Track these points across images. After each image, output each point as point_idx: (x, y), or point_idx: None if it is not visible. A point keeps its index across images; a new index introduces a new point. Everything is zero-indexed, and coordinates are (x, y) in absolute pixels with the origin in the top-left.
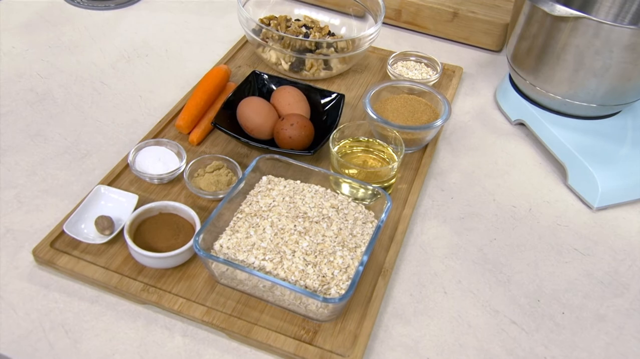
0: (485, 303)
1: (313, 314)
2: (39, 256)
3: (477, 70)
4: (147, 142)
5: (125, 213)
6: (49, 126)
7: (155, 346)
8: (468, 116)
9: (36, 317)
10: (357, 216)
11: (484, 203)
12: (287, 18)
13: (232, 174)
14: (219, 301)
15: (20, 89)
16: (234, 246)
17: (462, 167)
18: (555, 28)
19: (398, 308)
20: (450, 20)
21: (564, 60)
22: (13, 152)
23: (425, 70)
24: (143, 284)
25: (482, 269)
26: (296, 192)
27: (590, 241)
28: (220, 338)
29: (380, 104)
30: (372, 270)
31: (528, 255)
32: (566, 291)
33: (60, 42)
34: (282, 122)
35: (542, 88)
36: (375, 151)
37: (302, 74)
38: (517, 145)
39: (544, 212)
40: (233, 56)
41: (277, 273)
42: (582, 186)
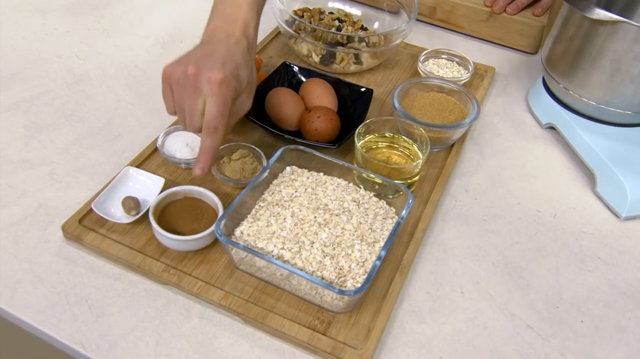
0: (502, 306)
1: (328, 305)
2: (67, 231)
3: (510, 72)
4: (177, 127)
5: (152, 195)
6: (84, 106)
7: (173, 325)
8: (497, 117)
9: (62, 290)
10: (377, 211)
11: (508, 206)
12: (320, 11)
13: (257, 163)
14: (237, 286)
15: (59, 69)
16: (255, 234)
17: (488, 168)
18: (593, 32)
19: (414, 305)
20: (486, 20)
21: (600, 65)
22: (49, 131)
23: (457, 69)
24: (164, 265)
25: (501, 271)
26: (318, 184)
27: (615, 250)
28: (235, 323)
29: (409, 100)
30: (389, 266)
31: (549, 261)
32: (587, 300)
33: (99, 25)
34: (309, 114)
35: (575, 92)
36: (400, 148)
37: (333, 67)
38: (546, 149)
39: (570, 218)
40: (265, 46)
41: (295, 263)
42: (610, 194)
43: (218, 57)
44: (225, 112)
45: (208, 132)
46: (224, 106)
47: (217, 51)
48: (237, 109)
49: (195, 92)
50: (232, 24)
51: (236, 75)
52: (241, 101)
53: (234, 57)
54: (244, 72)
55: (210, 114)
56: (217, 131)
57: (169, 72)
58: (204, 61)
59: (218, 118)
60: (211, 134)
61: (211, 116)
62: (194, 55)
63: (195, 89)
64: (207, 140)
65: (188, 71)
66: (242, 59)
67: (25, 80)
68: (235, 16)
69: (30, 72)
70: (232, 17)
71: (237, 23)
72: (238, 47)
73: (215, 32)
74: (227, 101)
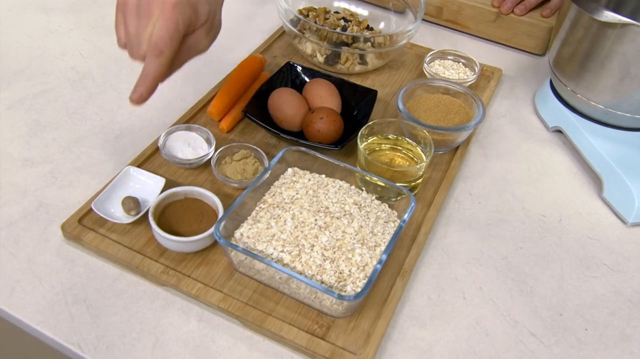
0: (505, 312)
1: (327, 309)
2: (67, 231)
3: (517, 73)
4: (178, 127)
5: (152, 195)
6: (87, 104)
7: (171, 328)
8: (504, 120)
9: (60, 290)
10: (379, 214)
11: (513, 210)
12: (326, 10)
13: (259, 164)
14: (236, 288)
15: (63, 67)
16: (254, 236)
17: (493, 171)
18: (602, 34)
19: (415, 310)
20: (493, 21)
21: (609, 69)
22: (52, 129)
23: (463, 70)
24: (164, 267)
25: (504, 277)
26: (320, 186)
27: (621, 256)
28: (234, 326)
29: (414, 102)
30: (390, 270)
31: (554, 267)
32: (591, 307)
33: (103, 23)
34: (311, 115)
35: (583, 96)
36: (403, 150)
37: (337, 67)
38: (553, 153)
39: (575, 224)
40: (270, 46)
41: (295, 266)
42: (617, 199)
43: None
44: (175, 37)
45: (153, 54)
46: (174, 29)
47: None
48: (190, 46)
49: (146, 14)
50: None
51: (193, 5)
52: (196, 37)
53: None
54: (203, 7)
55: (157, 34)
56: (162, 55)
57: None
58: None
59: (165, 39)
60: (155, 57)
61: (158, 36)
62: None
63: (147, 11)
64: (151, 63)
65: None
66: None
67: (28, 77)
68: None
69: (33, 69)
70: None
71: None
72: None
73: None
74: (179, 24)
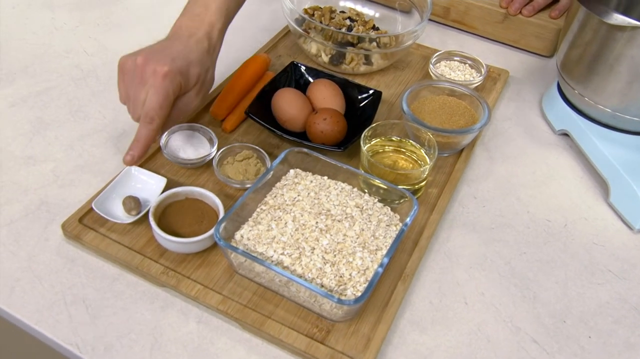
0: (507, 319)
1: (327, 313)
2: (67, 230)
3: (524, 75)
4: (181, 127)
5: (153, 195)
6: (90, 102)
7: (170, 329)
8: (510, 122)
9: (60, 289)
10: (381, 217)
11: (517, 214)
12: (332, 9)
13: (261, 165)
14: (235, 290)
15: (67, 64)
16: (255, 238)
17: (497, 175)
18: (611, 37)
19: (415, 315)
20: (501, 22)
21: (617, 72)
22: (55, 127)
23: (469, 72)
24: (163, 267)
25: (507, 282)
26: (322, 188)
27: (627, 263)
28: (233, 328)
29: (418, 104)
30: (392, 274)
31: (558, 273)
32: (595, 315)
33: (108, 20)
34: (314, 116)
35: (591, 99)
36: (407, 152)
37: (342, 67)
38: (559, 156)
39: (581, 229)
40: (275, 45)
41: (295, 269)
42: (624, 204)
43: (171, 52)
44: (165, 105)
45: (145, 121)
46: (164, 98)
47: (173, 47)
48: (182, 105)
49: (140, 82)
50: (197, 24)
51: (184, 72)
52: (187, 97)
53: (188, 55)
54: (194, 70)
55: (149, 104)
56: (153, 122)
57: (123, 61)
58: (155, 54)
59: (156, 109)
60: (147, 124)
61: (149, 106)
62: (150, 48)
63: (141, 79)
64: (143, 129)
65: (137, 61)
66: (197, 58)
67: (33, 75)
68: (202, 17)
69: (38, 67)
70: (198, 18)
71: (202, 24)
72: (197, 46)
73: (179, 30)
74: (169, 94)
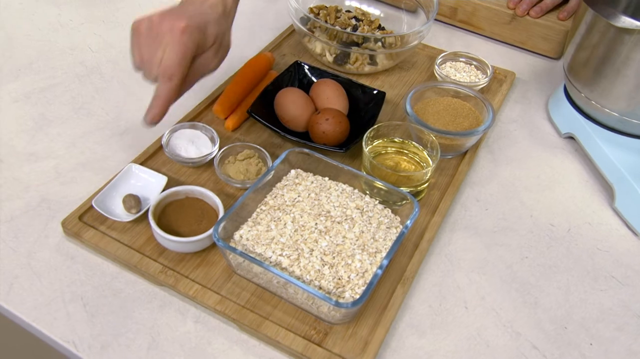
0: (507, 324)
1: (324, 315)
2: (67, 227)
3: (531, 77)
4: (183, 125)
5: (154, 193)
6: (93, 99)
7: (167, 328)
8: (515, 125)
9: (58, 287)
10: (381, 219)
11: (520, 218)
12: (337, 9)
13: (262, 164)
14: (234, 291)
15: (72, 61)
16: (254, 238)
17: (501, 178)
18: (618, 40)
19: (414, 319)
20: (508, 23)
21: (625, 76)
22: (58, 124)
23: (475, 73)
24: (162, 266)
25: (508, 287)
26: (322, 189)
27: (631, 270)
28: (230, 328)
29: (422, 104)
30: (391, 277)
31: (560, 278)
32: (597, 321)
33: (114, 17)
34: (317, 116)
35: (597, 102)
36: (410, 153)
37: (346, 67)
38: (564, 160)
39: (584, 234)
40: (279, 44)
41: (293, 270)
42: (629, 210)
43: (188, 9)
44: (184, 62)
45: (164, 78)
46: (183, 54)
47: (188, 8)
48: (199, 66)
49: (157, 39)
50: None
51: (202, 28)
52: (205, 58)
53: (204, 15)
54: (212, 29)
55: (168, 60)
56: (173, 79)
57: (137, 23)
58: (172, 12)
59: (175, 65)
60: (166, 81)
61: (168, 62)
62: (167, 9)
63: (158, 35)
64: (162, 87)
65: (153, 19)
66: (214, 18)
67: (37, 71)
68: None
69: (42, 63)
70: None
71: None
72: (212, 10)
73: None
74: (187, 50)
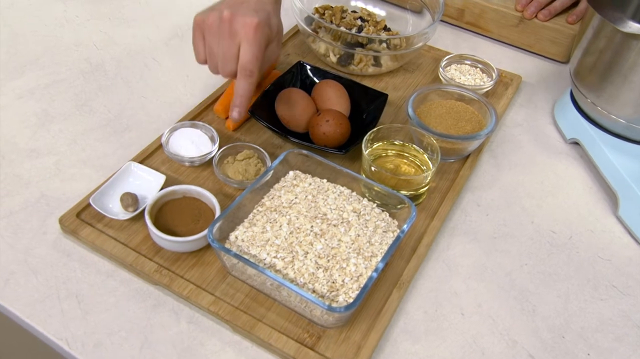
0: (504, 331)
1: (317, 319)
2: (64, 224)
3: (537, 81)
4: (183, 124)
5: (152, 192)
6: (96, 97)
7: (160, 328)
8: (519, 129)
9: (54, 284)
10: (378, 223)
11: (521, 224)
12: (343, 9)
13: (262, 165)
14: (228, 292)
15: (77, 58)
16: (249, 239)
17: (503, 183)
18: (625, 46)
19: (409, 324)
20: (516, 25)
21: (632, 82)
22: (60, 120)
23: (480, 76)
24: (157, 265)
25: (506, 294)
26: (320, 191)
27: (633, 279)
28: (224, 329)
29: (425, 107)
30: (387, 281)
31: (560, 286)
32: (596, 331)
33: (120, 14)
34: (317, 118)
35: (603, 108)
36: (410, 156)
37: (350, 68)
38: (569, 166)
39: (586, 242)
40: (284, 43)
41: (287, 273)
42: (633, 218)
43: (250, 4)
44: (260, 57)
45: (244, 75)
46: (259, 50)
47: (248, 0)
48: (268, 56)
49: (230, 36)
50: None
51: (268, 22)
52: (271, 48)
53: (265, 6)
54: (274, 20)
55: (246, 57)
56: (253, 75)
57: (202, 18)
58: (237, 7)
59: (254, 62)
60: (247, 77)
61: (247, 59)
62: (226, 3)
63: (231, 33)
64: (243, 83)
65: (223, 16)
66: (272, 8)
67: (42, 67)
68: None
69: (47, 59)
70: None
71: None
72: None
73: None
74: (262, 46)
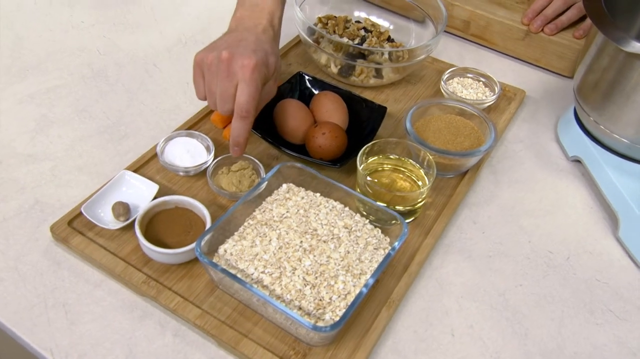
0: (494, 354)
1: (303, 337)
2: (55, 232)
3: (542, 96)
4: (179, 133)
5: (144, 201)
6: (96, 103)
7: (145, 340)
8: (521, 145)
9: (42, 292)
10: (369, 240)
11: (518, 244)
12: (346, 19)
13: (256, 176)
14: (215, 305)
15: (79, 63)
16: (237, 253)
17: (501, 200)
18: (628, 65)
19: (398, 344)
20: (522, 39)
21: (634, 101)
22: (59, 125)
23: (482, 90)
24: (145, 276)
25: (499, 316)
26: (312, 205)
27: (630, 304)
28: (209, 343)
29: (424, 121)
30: (377, 299)
31: (555, 309)
32: (590, 357)
33: (124, 20)
34: (314, 130)
35: (606, 127)
36: (406, 171)
37: (351, 79)
38: (569, 184)
39: (584, 264)
40: (286, 53)
41: (274, 289)
42: (633, 241)
43: (249, 44)
44: (257, 96)
45: (240, 116)
46: (256, 90)
47: (247, 39)
48: (264, 95)
49: (228, 76)
50: (258, 14)
51: (265, 62)
52: (268, 86)
53: (263, 45)
54: (272, 59)
55: (243, 98)
56: (249, 115)
57: (202, 57)
58: (235, 47)
59: (250, 102)
60: (243, 119)
61: (243, 100)
62: (225, 42)
63: (229, 73)
64: (239, 124)
65: (222, 56)
66: (270, 47)
67: (44, 72)
68: (261, 7)
69: (49, 64)
70: (258, 7)
71: (263, 13)
72: (265, 36)
73: (242, 21)
74: (259, 86)
